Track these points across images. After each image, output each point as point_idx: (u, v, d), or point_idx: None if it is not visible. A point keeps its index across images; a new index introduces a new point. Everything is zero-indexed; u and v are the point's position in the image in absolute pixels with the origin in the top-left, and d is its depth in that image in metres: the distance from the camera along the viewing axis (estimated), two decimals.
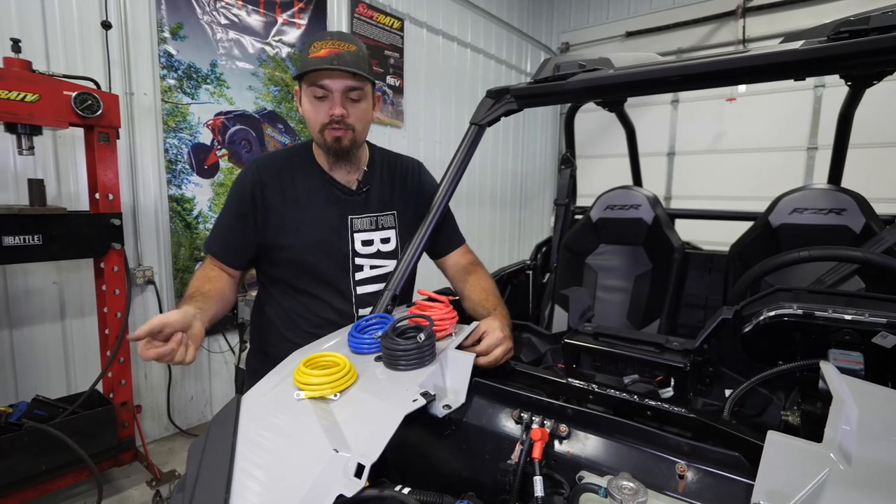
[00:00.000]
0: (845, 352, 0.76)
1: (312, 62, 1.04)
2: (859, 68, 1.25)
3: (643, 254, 1.88)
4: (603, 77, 1.14)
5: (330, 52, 1.04)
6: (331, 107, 1.07)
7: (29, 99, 1.72)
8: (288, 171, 1.17)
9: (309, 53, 1.05)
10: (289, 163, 1.18)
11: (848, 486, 0.52)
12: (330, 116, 1.07)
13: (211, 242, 1.17)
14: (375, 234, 1.21)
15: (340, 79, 1.06)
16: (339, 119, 1.07)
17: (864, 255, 0.98)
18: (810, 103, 4.07)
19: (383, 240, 1.23)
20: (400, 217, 1.26)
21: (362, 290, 1.19)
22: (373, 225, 1.21)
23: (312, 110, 1.09)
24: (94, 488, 1.93)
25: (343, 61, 1.04)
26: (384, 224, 1.23)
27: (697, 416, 0.74)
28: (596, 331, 0.92)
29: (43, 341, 2.24)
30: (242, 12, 2.79)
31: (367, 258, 1.20)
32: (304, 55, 1.07)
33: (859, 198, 1.45)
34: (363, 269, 1.19)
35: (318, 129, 1.10)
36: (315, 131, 1.11)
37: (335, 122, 1.08)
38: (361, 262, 1.19)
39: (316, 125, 1.10)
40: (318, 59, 1.04)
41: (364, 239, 1.19)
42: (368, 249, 1.20)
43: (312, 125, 1.11)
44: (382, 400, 0.77)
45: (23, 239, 1.75)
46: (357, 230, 1.18)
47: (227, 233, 1.16)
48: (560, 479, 0.71)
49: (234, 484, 0.65)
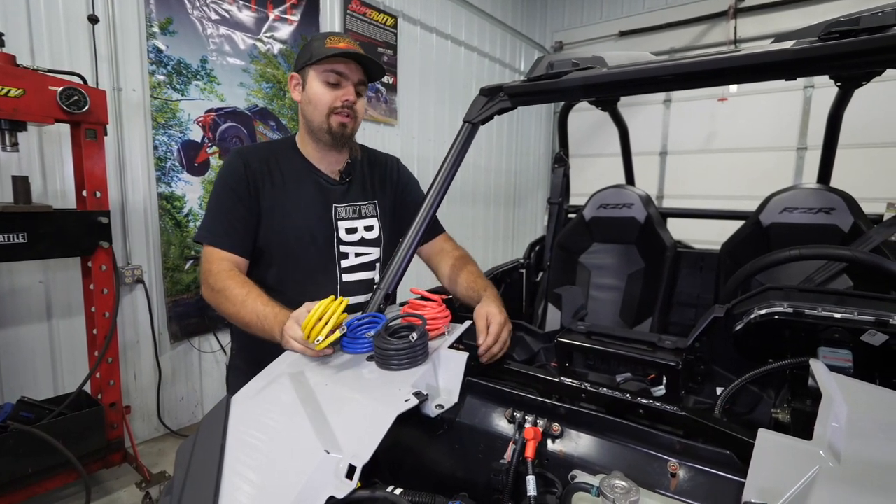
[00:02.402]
0: (834, 350, 0.77)
1: (335, 50, 1.08)
2: (849, 69, 1.26)
3: (636, 252, 1.89)
4: (596, 76, 1.14)
5: (349, 47, 1.10)
6: (345, 93, 1.12)
7: (13, 94, 1.68)
8: (274, 159, 1.17)
9: (325, 44, 1.10)
10: (274, 152, 1.19)
11: (837, 483, 0.52)
12: (343, 101, 1.12)
13: (206, 232, 1.09)
14: (359, 223, 1.23)
15: (357, 72, 1.13)
16: (350, 105, 1.13)
17: (853, 254, 0.99)
18: (800, 104, 4.12)
19: (367, 227, 1.24)
20: (381, 206, 1.29)
21: (348, 278, 1.20)
22: (356, 213, 1.23)
23: (323, 93, 1.12)
24: (82, 490, 1.90)
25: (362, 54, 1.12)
26: (367, 212, 1.25)
27: (689, 414, 0.74)
28: (589, 329, 0.92)
29: (29, 341, 2.19)
30: (233, 8, 2.75)
31: (352, 245, 1.21)
32: (319, 44, 1.11)
33: (848, 197, 1.46)
34: (348, 256, 1.20)
35: (325, 112, 1.12)
36: (321, 115, 1.13)
37: (346, 107, 1.12)
38: (346, 250, 1.20)
39: (324, 109, 1.12)
40: (338, 49, 1.09)
41: (348, 227, 1.21)
42: (353, 237, 1.21)
43: (320, 109, 1.12)
44: (374, 400, 0.76)
45: (7, 237, 1.72)
46: (341, 218, 1.20)
47: (227, 218, 1.09)
48: (553, 479, 0.71)
49: (224, 486, 0.64)
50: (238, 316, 1.01)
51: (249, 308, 0.99)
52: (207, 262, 1.08)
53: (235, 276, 1.05)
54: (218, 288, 1.04)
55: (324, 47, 1.10)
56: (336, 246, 1.19)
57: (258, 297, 1.00)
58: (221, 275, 1.05)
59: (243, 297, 1.00)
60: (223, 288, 1.03)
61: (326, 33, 1.14)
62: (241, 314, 1.01)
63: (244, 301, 1.00)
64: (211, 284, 1.06)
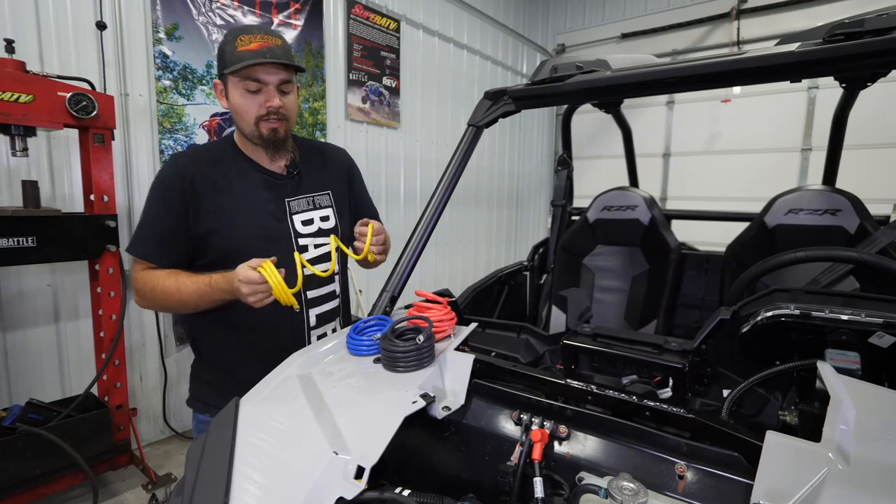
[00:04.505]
0: (842, 352, 0.77)
1: (246, 55, 1.02)
2: (854, 70, 1.26)
3: (640, 254, 1.89)
4: (601, 79, 1.14)
5: (261, 46, 1.04)
6: (267, 99, 1.07)
7: (23, 100, 1.71)
8: (214, 162, 1.14)
9: (237, 46, 1.04)
10: (214, 155, 1.16)
11: (847, 486, 0.52)
12: (268, 108, 1.07)
13: (138, 244, 1.09)
14: (314, 213, 1.22)
15: (275, 72, 1.06)
16: (276, 110, 1.08)
17: (860, 256, 0.99)
18: (804, 105, 4.11)
19: (322, 218, 1.23)
20: (335, 196, 1.28)
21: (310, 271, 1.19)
22: (310, 205, 1.21)
23: (246, 103, 1.08)
24: (89, 492, 1.91)
25: (275, 54, 1.05)
26: (321, 203, 1.24)
27: (696, 416, 0.74)
28: (594, 332, 0.92)
29: (37, 344, 2.21)
30: (238, 13, 2.78)
31: (310, 237, 1.20)
32: (230, 49, 1.05)
33: (854, 199, 1.46)
34: (308, 248, 1.19)
35: (253, 122, 1.09)
36: (250, 125, 1.09)
37: (272, 113, 1.08)
38: (305, 242, 1.19)
39: (251, 118, 1.08)
40: (250, 53, 1.03)
41: (304, 219, 1.19)
42: (309, 229, 1.20)
43: (247, 118, 1.09)
44: (382, 402, 0.76)
45: (16, 241, 1.74)
46: (295, 212, 1.19)
47: (157, 231, 1.09)
48: (560, 481, 0.71)
49: (234, 487, 0.64)
50: (182, 301, 1.04)
51: (191, 287, 1.02)
52: (133, 273, 1.11)
53: (157, 272, 1.07)
54: (149, 289, 1.06)
55: (235, 52, 1.03)
56: (294, 240, 1.17)
57: (189, 276, 1.04)
58: (145, 277, 1.07)
59: (176, 282, 1.04)
60: (153, 287, 1.06)
61: (237, 31, 1.06)
62: (184, 297, 1.03)
63: (179, 287, 1.03)
64: (140, 290, 1.09)
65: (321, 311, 1.21)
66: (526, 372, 0.95)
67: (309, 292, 1.18)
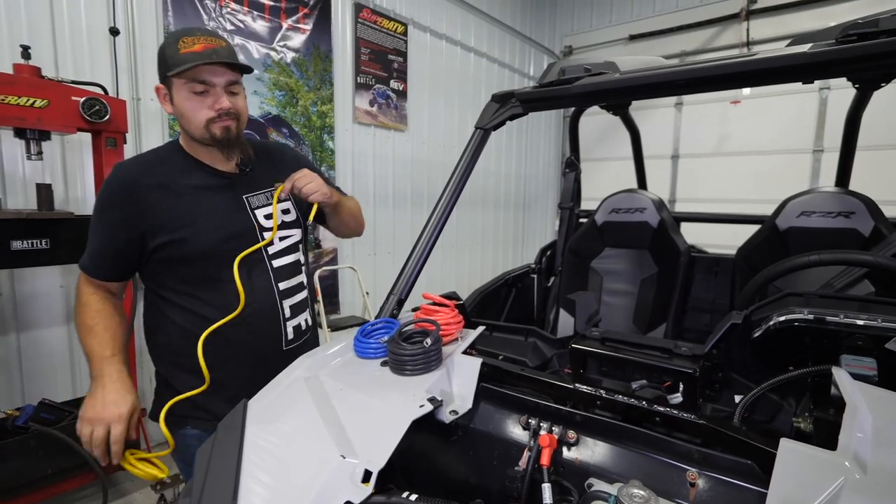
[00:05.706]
0: (858, 357, 0.75)
1: (190, 57, 1.00)
2: (868, 71, 1.24)
3: (649, 257, 1.87)
4: (609, 81, 1.14)
5: (206, 48, 1.02)
6: (215, 101, 1.06)
7: (38, 104, 1.74)
8: (162, 168, 1.11)
9: (179, 49, 1.01)
10: (161, 161, 1.13)
11: (864, 495, 0.51)
12: (217, 110, 1.06)
13: (86, 259, 1.11)
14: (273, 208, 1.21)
15: (222, 73, 1.05)
16: (226, 111, 1.07)
17: (875, 259, 0.97)
18: (815, 105, 4.05)
19: (283, 210, 1.23)
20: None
21: (278, 263, 1.19)
22: (269, 199, 1.20)
23: (193, 106, 1.05)
24: (99, 492, 1.93)
25: (221, 55, 1.03)
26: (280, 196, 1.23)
27: (707, 422, 0.73)
28: (603, 335, 0.91)
29: (49, 345, 2.25)
30: (248, 18, 2.81)
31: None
32: (172, 51, 1.02)
33: (868, 200, 1.43)
34: (273, 242, 1.18)
35: (202, 125, 1.06)
36: (199, 127, 1.07)
37: (223, 114, 1.07)
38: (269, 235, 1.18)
39: (200, 121, 1.06)
40: (195, 55, 1.01)
41: (266, 213, 1.18)
42: (272, 222, 1.19)
43: (195, 121, 1.06)
44: (389, 405, 0.76)
45: (31, 243, 1.77)
46: (256, 207, 1.18)
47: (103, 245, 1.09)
48: (569, 487, 0.70)
49: (242, 489, 0.64)
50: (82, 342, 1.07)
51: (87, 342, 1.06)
52: (77, 285, 1.12)
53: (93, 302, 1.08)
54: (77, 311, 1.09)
55: (178, 54, 1.00)
56: (259, 234, 1.16)
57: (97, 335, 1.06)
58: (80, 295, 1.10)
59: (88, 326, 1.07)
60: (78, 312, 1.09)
61: (179, 34, 1.04)
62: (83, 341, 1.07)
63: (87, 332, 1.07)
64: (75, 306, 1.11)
65: (293, 301, 1.21)
66: (534, 376, 0.94)
67: (280, 284, 1.18)
